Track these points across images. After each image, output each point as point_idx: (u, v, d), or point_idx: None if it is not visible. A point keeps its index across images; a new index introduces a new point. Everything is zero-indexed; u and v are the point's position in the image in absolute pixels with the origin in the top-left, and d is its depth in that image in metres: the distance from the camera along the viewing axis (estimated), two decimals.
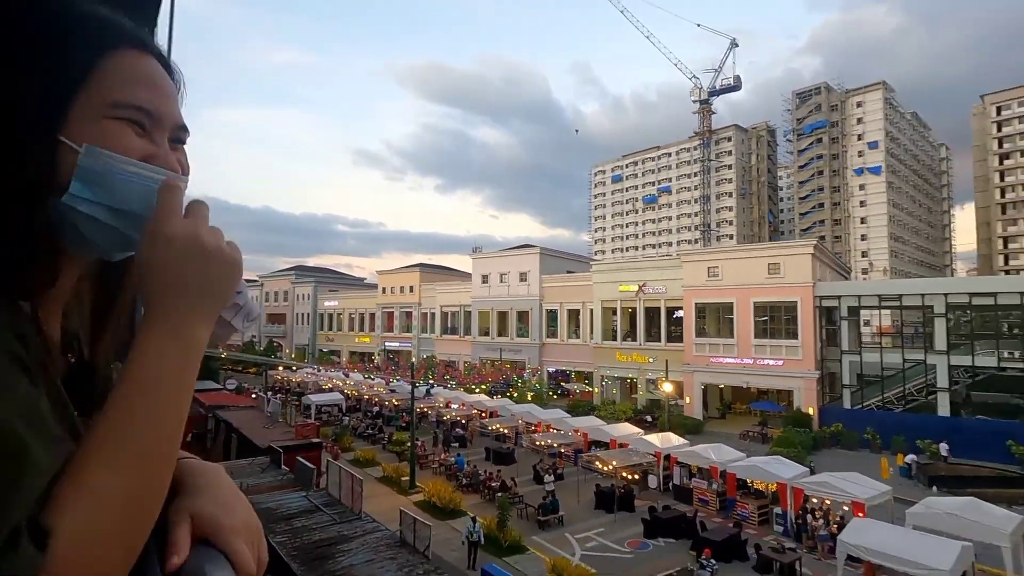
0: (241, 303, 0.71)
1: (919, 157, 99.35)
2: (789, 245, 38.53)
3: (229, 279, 0.66)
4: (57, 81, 0.62)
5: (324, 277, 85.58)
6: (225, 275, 0.65)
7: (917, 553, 13.46)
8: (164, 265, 0.61)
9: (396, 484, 24.40)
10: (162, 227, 0.62)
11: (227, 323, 0.70)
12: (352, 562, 10.14)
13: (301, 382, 51.91)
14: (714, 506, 21.62)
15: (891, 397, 33.55)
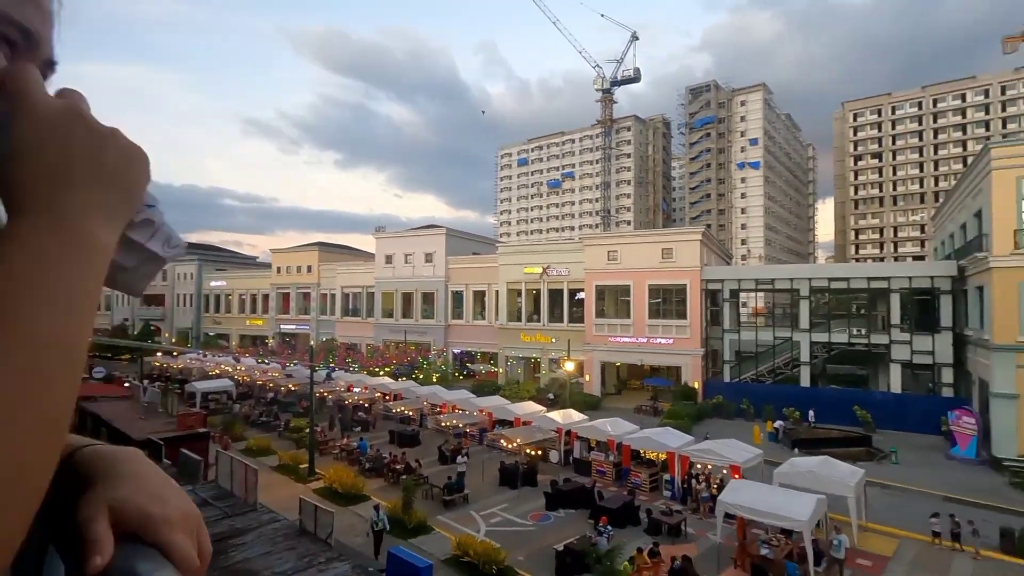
0: (155, 220, 0.58)
1: (791, 155, 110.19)
2: (680, 232, 41.25)
3: (132, 168, 0.53)
4: None
5: (210, 255, 78.83)
6: (126, 163, 0.52)
7: (781, 507, 15.20)
8: (39, 145, 0.48)
9: (294, 472, 23.34)
10: (30, 99, 0.49)
11: (141, 248, 0.57)
12: (247, 556, 9.58)
13: (184, 368, 47.77)
14: (611, 476, 22.94)
15: (763, 371, 37.36)
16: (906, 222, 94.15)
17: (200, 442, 19.59)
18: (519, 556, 16.12)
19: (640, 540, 16.63)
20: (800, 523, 14.58)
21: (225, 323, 69.48)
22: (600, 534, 15.99)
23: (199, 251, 78.91)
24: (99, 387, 31.42)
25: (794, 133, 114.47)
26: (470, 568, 14.97)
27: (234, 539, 10.30)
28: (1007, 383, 24.47)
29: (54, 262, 0.45)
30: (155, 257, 0.58)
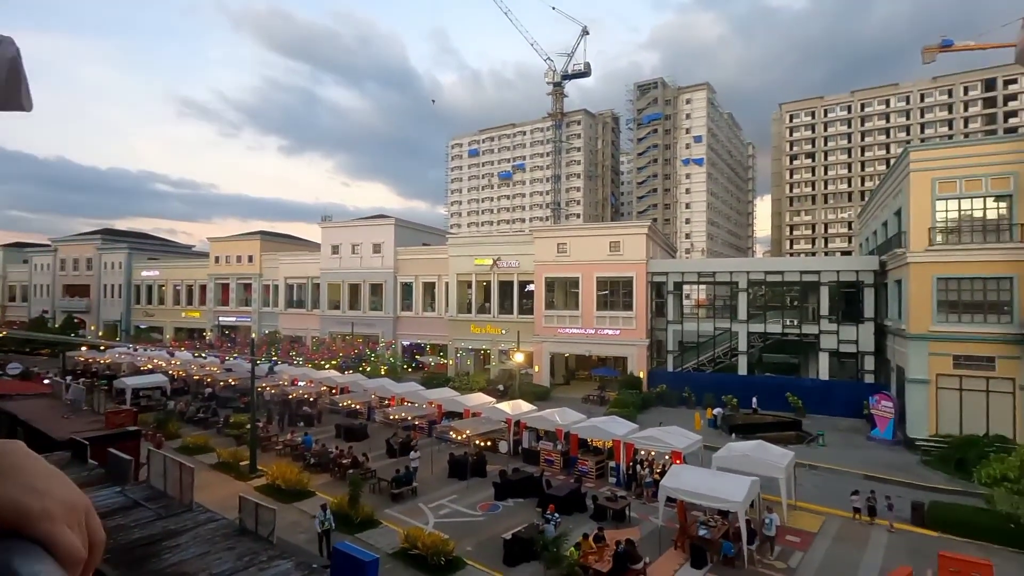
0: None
1: (732, 153, 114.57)
2: (627, 226, 42.20)
3: None
4: None
5: (140, 243, 74.26)
6: None
7: (719, 489, 15.94)
8: None
9: (235, 469, 22.51)
10: None
11: None
12: (182, 558, 9.18)
13: (112, 363, 44.99)
14: (559, 465, 23.36)
15: (704, 360, 38.91)
16: (835, 219, 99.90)
17: (131, 441, 18.51)
18: (468, 546, 16.20)
19: (586, 526, 17.05)
20: (735, 504, 15.34)
21: (158, 315, 65.83)
22: (548, 521, 16.28)
23: (129, 239, 74.23)
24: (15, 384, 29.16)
25: (735, 132, 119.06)
26: (418, 560, 14.92)
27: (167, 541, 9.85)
28: (920, 369, 26.51)
29: None
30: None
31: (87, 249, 71.13)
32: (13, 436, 19.44)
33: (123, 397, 33.35)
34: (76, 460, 15.51)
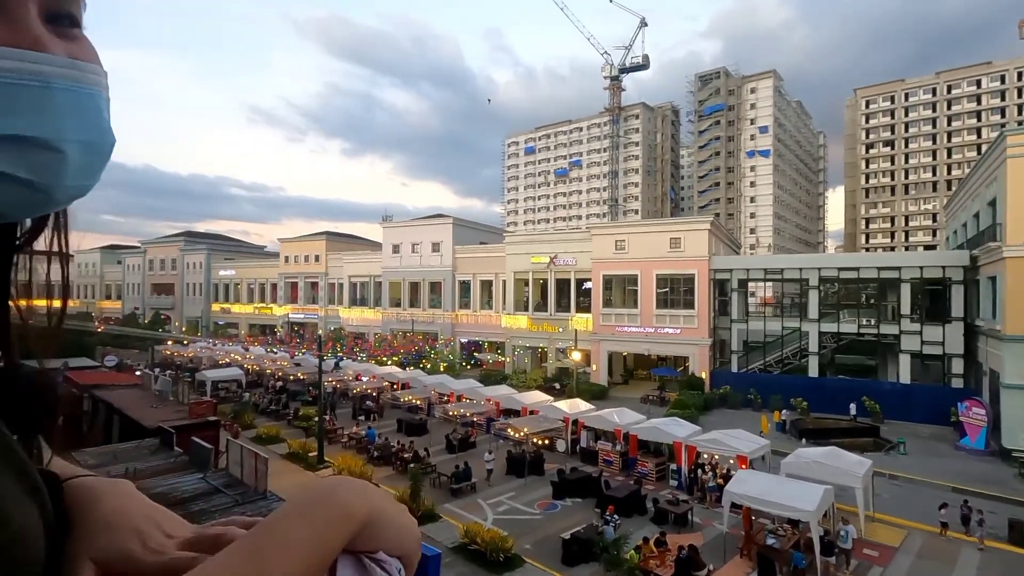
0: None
1: (801, 143, 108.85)
2: (688, 221, 40.97)
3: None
4: None
5: (218, 244, 79.18)
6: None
7: (788, 497, 15.19)
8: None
9: (304, 460, 23.60)
10: None
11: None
12: None
13: (194, 357, 48.23)
14: (617, 466, 23.01)
15: (771, 361, 37.23)
16: (918, 211, 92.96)
17: (210, 430, 19.77)
18: (526, 544, 16.25)
19: (646, 529, 16.71)
20: (807, 513, 14.58)
21: (234, 312, 69.98)
22: (607, 523, 16.08)
23: (208, 240, 79.34)
24: (111, 376, 31.73)
25: (804, 120, 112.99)
26: (477, 556, 15.11)
27: None
28: (1018, 374, 24.22)
29: (313, 519, 0.51)
30: None
31: (171, 250, 76.57)
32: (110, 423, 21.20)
33: (204, 389, 35.73)
34: (164, 446, 16.73)
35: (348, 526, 0.52)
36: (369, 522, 0.54)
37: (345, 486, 0.55)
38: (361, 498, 0.55)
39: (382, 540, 0.56)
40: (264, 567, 0.45)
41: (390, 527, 0.57)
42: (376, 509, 0.55)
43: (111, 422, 21.36)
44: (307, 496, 0.53)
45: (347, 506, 0.53)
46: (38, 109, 0.40)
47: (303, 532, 0.49)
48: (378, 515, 0.56)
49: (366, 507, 0.54)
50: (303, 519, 0.50)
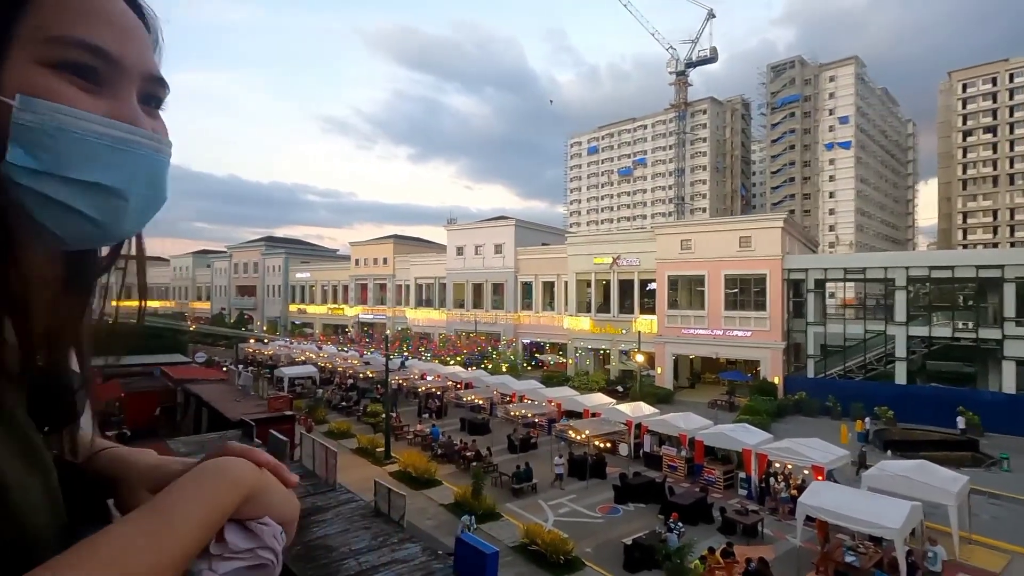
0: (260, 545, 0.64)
1: (887, 133, 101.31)
2: (760, 219, 39.14)
3: (279, 512, 0.67)
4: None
5: (295, 248, 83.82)
6: (278, 503, 0.67)
7: (870, 512, 14.19)
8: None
9: (371, 455, 24.52)
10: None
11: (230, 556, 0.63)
12: (327, 532, 10.21)
13: (273, 355, 51.28)
14: (682, 472, 22.35)
15: (852, 366, 34.88)
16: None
17: (287, 424, 20.96)
18: (587, 547, 16.11)
19: (712, 539, 16.13)
20: (891, 531, 13.57)
21: (309, 312, 73.76)
22: (670, 530, 15.66)
23: (286, 244, 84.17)
24: (201, 371, 34.33)
25: (891, 108, 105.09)
26: (538, 556, 15.14)
27: (315, 516, 10.99)
28: None
29: (211, 483, 0.60)
30: (252, 552, 0.63)
31: (254, 254, 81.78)
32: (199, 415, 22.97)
33: (281, 385, 37.92)
34: (245, 438, 17.92)
35: (236, 493, 0.61)
36: (255, 491, 0.63)
37: (233, 461, 0.64)
38: (247, 470, 0.64)
39: (265, 507, 0.64)
40: (165, 526, 0.53)
41: (273, 496, 0.65)
42: (260, 480, 0.64)
43: (200, 414, 23.09)
44: (201, 468, 0.62)
45: (235, 476, 0.62)
46: (120, 166, 0.53)
47: (198, 497, 0.57)
48: (262, 485, 0.64)
49: (251, 478, 0.63)
50: (198, 487, 0.58)
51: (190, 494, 0.57)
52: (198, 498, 0.57)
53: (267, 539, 0.65)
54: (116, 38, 0.53)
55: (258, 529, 0.64)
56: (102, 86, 0.53)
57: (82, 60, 0.51)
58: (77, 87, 0.51)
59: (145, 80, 0.57)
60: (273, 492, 0.66)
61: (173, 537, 0.53)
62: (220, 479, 0.61)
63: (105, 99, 0.53)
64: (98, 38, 0.52)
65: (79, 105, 0.51)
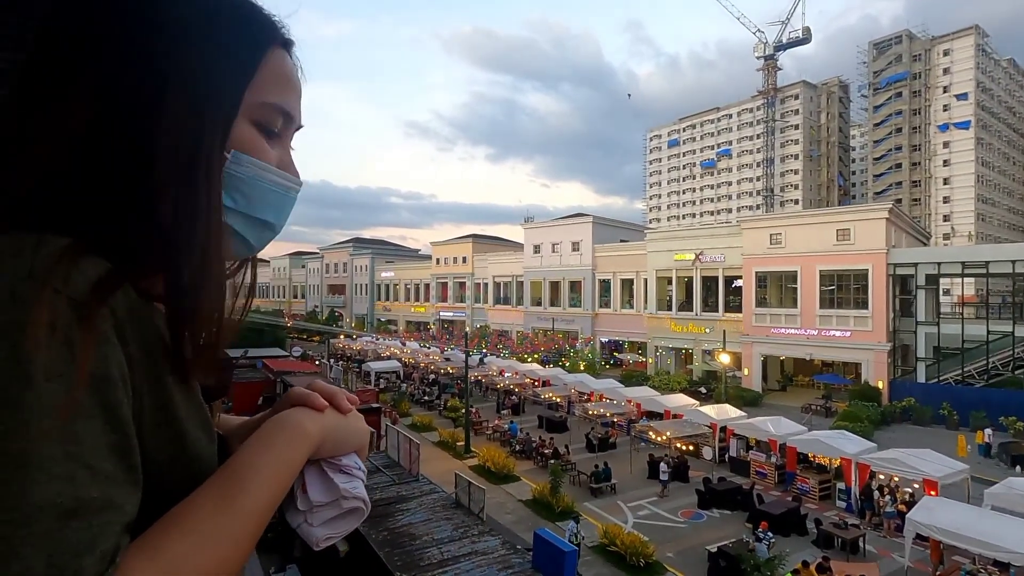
0: (354, 477, 0.70)
1: (1015, 110, 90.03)
2: (861, 209, 36.13)
3: (353, 440, 0.72)
4: (237, 74, 0.58)
5: (380, 249, 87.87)
6: (354, 435, 0.72)
7: (994, 534, 12.70)
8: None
9: (452, 449, 25.20)
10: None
11: (331, 488, 0.68)
12: (411, 521, 10.62)
13: (361, 350, 54.07)
14: (772, 479, 21.13)
15: (972, 371, 31.36)
16: None
17: (373, 416, 21.98)
18: (668, 552, 15.66)
19: (806, 552, 15.12)
20: (1020, 556, 12.08)
21: (393, 310, 77.05)
22: (759, 540, 14.85)
23: (372, 245, 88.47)
24: (296, 364, 36.80)
25: (1020, 82, 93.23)
26: (616, 558, 14.90)
27: (399, 504, 11.47)
28: None
29: (275, 443, 0.63)
30: (336, 502, 0.68)
31: (343, 255, 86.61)
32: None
33: (368, 378, 39.92)
34: None
35: (306, 443, 0.64)
36: (323, 435, 0.66)
37: (294, 414, 0.66)
38: (311, 418, 0.66)
39: (339, 445, 0.69)
40: (237, 488, 0.57)
41: (338, 434, 0.69)
42: (326, 423, 0.68)
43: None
44: (267, 425, 0.65)
45: (301, 427, 0.65)
46: (281, 207, 0.66)
47: (270, 453, 0.61)
48: (330, 427, 0.68)
49: (317, 424, 0.66)
50: (264, 445, 0.62)
51: (255, 456, 0.60)
52: (265, 457, 0.60)
53: (346, 483, 0.68)
54: (296, 101, 0.65)
55: (337, 475, 0.68)
56: (279, 135, 0.65)
57: (276, 121, 0.63)
58: (265, 141, 0.63)
59: (296, 129, 0.68)
60: (337, 430, 0.69)
61: (245, 500, 0.56)
62: (284, 434, 0.63)
63: (276, 149, 0.65)
64: (288, 103, 0.63)
65: (266, 158, 0.63)
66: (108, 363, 0.46)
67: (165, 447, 0.55)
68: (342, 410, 0.72)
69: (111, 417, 0.47)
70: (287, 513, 0.66)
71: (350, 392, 0.77)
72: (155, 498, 0.52)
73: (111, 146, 0.52)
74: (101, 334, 0.46)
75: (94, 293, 0.46)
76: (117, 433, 0.47)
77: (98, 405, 0.45)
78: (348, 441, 0.71)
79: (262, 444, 0.62)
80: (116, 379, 0.47)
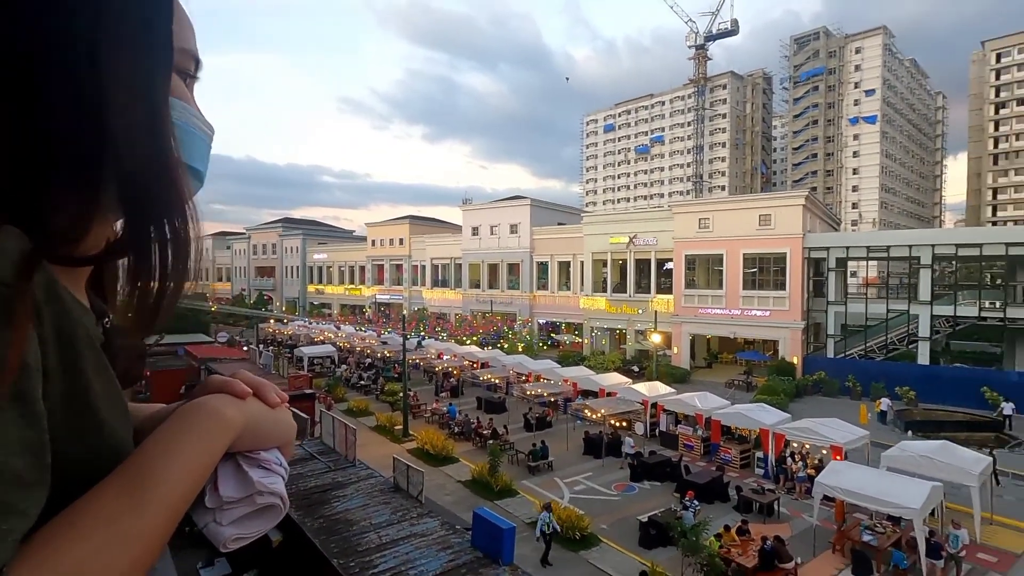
0: (272, 471, 0.65)
1: (915, 106, 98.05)
2: (780, 196, 38.37)
3: (278, 434, 0.67)
4: (166, 19, 0.54)
5: (312, 229, 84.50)
6: (278, 430, 0.67)
7: (889, 492, 14.08)
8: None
9: (389, 433, 24.93)
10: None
11: (245, 482, 0.63)
12: (348, 507, 10.45)
13: (292, 335, 52.09)
14: (698, 451, 22.38)
15: (873, 346, 34.36)
16: None
17: (307, 402, 21.40)
18: (603, 524, 16.28)
19: (728, 517, 16.19)
20: (911, 510, 13.46)
21: (327, 293, 74.62)
22: (686, 508, 15.73)
23: (303, 226, 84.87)
24: (223, 350, 35.11)
25: (920, 81, 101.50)
26: (554, 532, 15.33)
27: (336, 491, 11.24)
28: None
29: (192, 430, 0.57)
30: (250, 498, 0.62)
31: (272, 236, 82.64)
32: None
33: (301, 364, 38.60)
34: None
35: (225, 431, 0.59)
36: (245, 424, 0.61)
37: (211, 401, 0.61)
38: (232, 404, 0.61)
39: (260, 438, 0.64)
40: (144, 484, 0.50)
41: (260, 425, 0.64)
42: (249, 411, 0.63)
43: None
44: (179, 414, 0.58)
45: (220, 413, 0.59)
46: (204, 155, 0.62)
47: (185, 441, 0.55)
48: (253, 416, 0.63)
49: (239, 411, 0.61)
50: (184, 430, 0.56)
51: (167, 446, 0.54)
52: (179, 445, 0.55)
53: (263, 478, 0.63)
54: (193, 39, 0.60)
55: (254, 470, 0.62)
56: (191, 82, 0.62)
57: (190, 66, 0.60)
58: (183, 83, 0.60)
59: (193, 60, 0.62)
60: (260, 421, 0.64)
61: (154, 495, 0.50)
62: (198, 424, 0.57)
63: (189, 92, 0.61)
64: (195, 47, 0.60)
65: (190, 98, 0.60)
66: (26, 349, 0.41)
67: (79, 440, 0.49)
68: (270, 403, 0.67)
69: (26, 410, 0.41)
70: (194, 512, 0.59)
71: (281, 379, 0.70)
72: (65, 499, 0.46)
73: (59, 108, 0.47)
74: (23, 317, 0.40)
75: (18, 272, 0.41)
76: (32, 428, 0.41)
77: (11, 396, 0.40)
78: (272, 434, 0.66)
79: (175, 431, 0.56)
80: (32, 367, 0.42)
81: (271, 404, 0.67)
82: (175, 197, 0.54)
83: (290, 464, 2.97)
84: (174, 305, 0.58)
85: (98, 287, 0.64)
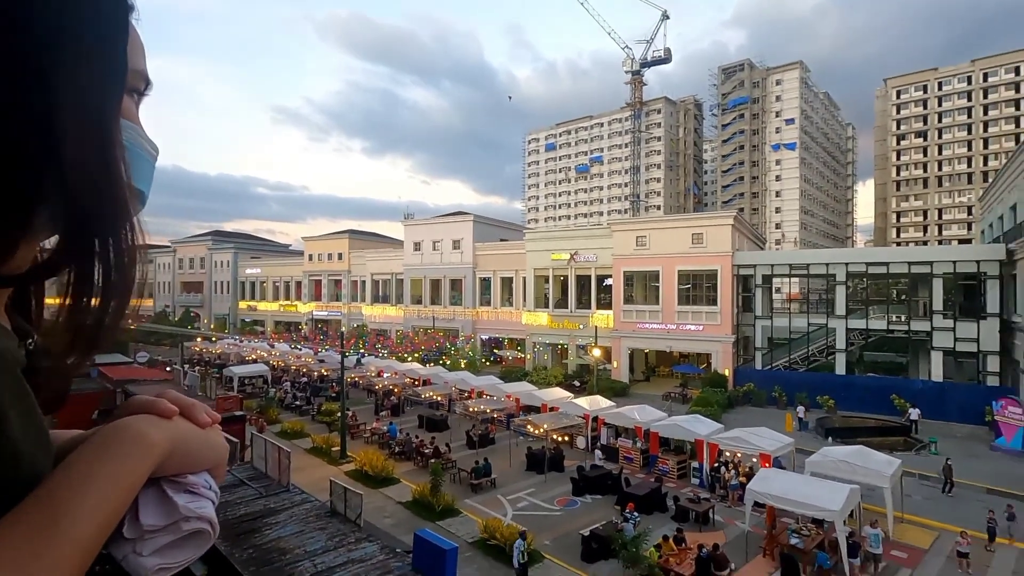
0: (200, 496, 0.60)
1: (828, 135, 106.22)
2: (711, 216, 40.38)
3: (208, 457, 0.63)
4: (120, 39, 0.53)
5: (244, 243, 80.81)
6: (207, 452, 0.63)
7: (812, 496, 14.91)
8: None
9: (326, 455, 23.99)
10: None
11: (170, 508, 0.58)
12: (280, 534, 9.90)
13: (222, 353, 49.38)
14: (638, 463, 22.87)
15: (796, 358, 36.52)
16: (952, 204, 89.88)
17: (237, 424, 20.26)
18: (545, 540, 16.27)
19: (667, 527, 16.58)
20: (831, 513, 14.30)
21: (260, 309, 71.37)
22: (627, 520, 16.00)
23: (235, 239, 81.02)
24: (143, 371, 32.69)
25: (832, 112, 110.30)
26: (496, 551, 15.18)
27: (268, 518, 10.64)
28: None
29: (110, 455, 0.52)
30: (176, 525, 0.57)
31: (200, 249, 78.38)
32: None
33: (231, 384, 36.56)
34: None
35: (149, 454, 0.54)
36: (171, 447, 0.57)
37: (133, 422, 0.56)
38: (156, 425, 0.57)
39: (189, 461, 0.59)
40: (56, 515, 0.45)
41: (189, 446, 0.59)
42: (176, 432, 0.58)
43: None
44: (104, 433, 0.54)
45: (143, 435, 0.55)
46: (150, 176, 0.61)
47: (102, 467, 0.50)
48: (180, 437, 0.58)
49: (164, 433, 0.57)
50: (101, 455, 0.51)
51: (81, 474, 0.49)
52: (95, 472, 0.50)
53: (190, 503, 0.58)
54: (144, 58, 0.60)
55: (180, 495, 0.58)
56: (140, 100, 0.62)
57: (140, 85, 0.59)
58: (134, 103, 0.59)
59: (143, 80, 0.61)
60: (189, 442, 0.60)
61: (70, 524, 0.45)
62: (118, 448, 0.53)
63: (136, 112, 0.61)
64: (145, 67, 0.60)
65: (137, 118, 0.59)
66: None
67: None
68: (199, 424, 0.62)
69: None
70: (111, 544, 0.53)
71: (209, 401, 0.66)
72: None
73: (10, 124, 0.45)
74: None
75: None
76: None
77: None
78: (201, 456, 0.61)
79: (91, 457, 0.51)
80: None
81: (201, 424, 0.62)
82: (121, 216, 0.52)
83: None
84: (118, 323, 0.54)
85: (22, 307, 0.60)
